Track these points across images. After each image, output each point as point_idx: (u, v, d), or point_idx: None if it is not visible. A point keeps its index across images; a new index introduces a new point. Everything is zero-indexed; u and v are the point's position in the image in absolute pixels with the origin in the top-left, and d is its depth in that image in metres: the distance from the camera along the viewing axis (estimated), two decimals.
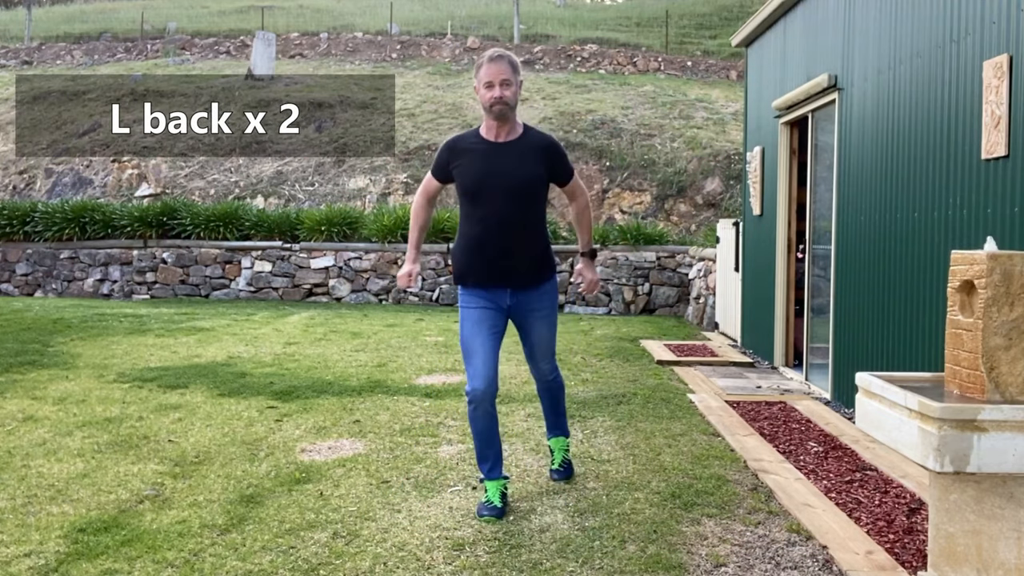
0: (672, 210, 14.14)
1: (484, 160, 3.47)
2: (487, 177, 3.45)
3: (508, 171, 3.44)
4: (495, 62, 3.42)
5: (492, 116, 3.44)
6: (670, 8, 27.32)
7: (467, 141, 3.56)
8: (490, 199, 3.45)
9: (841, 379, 6.08)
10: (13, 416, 5.08)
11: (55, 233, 13.48)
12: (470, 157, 3.50)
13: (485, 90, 3.43)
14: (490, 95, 3.40)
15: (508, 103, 3.40)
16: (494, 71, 3.40)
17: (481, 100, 3.46)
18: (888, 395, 2.71)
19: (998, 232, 4.05)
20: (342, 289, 12.88)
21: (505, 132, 3.49)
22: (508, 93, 3.40)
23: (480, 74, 3.45)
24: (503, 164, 3.45)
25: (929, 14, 4.84)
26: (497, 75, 3.40)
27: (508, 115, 3.44)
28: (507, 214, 3.45)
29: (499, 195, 3.44)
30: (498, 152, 3.47)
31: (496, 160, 3.46)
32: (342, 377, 6.45)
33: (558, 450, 3.99)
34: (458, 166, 3.52)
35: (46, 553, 3.06)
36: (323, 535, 3.26)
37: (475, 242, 3.52)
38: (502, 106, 3.40)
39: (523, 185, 3.46)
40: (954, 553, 2.58)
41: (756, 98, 8.53)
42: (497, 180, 3.44)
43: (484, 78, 3.42)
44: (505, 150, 3.47)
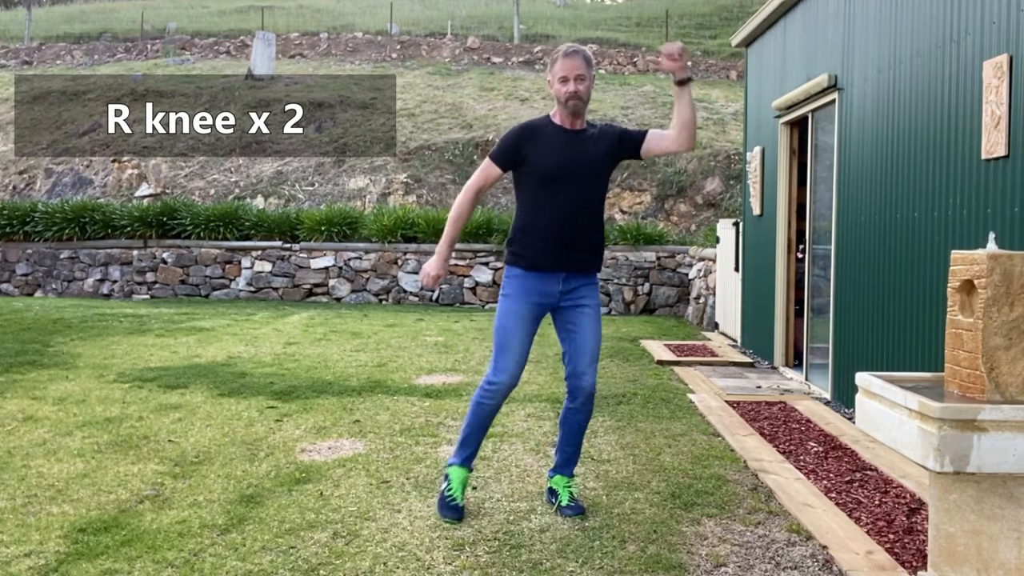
0: (672, 210, 14.14)
1: (562, 145, 3.51)
2: (569, 162, 3.49)
3: (588, 159, 3.50)
4: (570, 57, 3.46)
5: (568, 111, 3.49)
6: (670, 8, 27.33)
7: (542, 126, 3.58)
8: (571, 186, 3.48)
9: (841, 379, 6.08)
10: (13, 416, 5.08)
11: (55, 233, 13.48)
12: (548, 141, 3.52)
13: (560, 85, 3.47)
14: (566, 90, 3.45)
15: (582, 98, 3.48)
16: (569, 66, 3.45)
17: (556, 94, 3.51)
18: (888, 395, 2.71)
19: (998, 232, 4.05)
20: (342, 289, 12.88)
21: (580, 123, 3.56)
22: (583, 88, 3.46)
23: (555, 69, 3.49)
24: (583, 150, 3.50)
25: (929, 14, 4.84)
26: (572, 70, 3.44)
27: (581, 110, 3.51)
28: (584, 199, 3.49)
29: (579, 179, 3.48)
30: (576, 139, 3.53)
31: (575, 146, 3.51)
32: (342, 377, 6.45)
33: (562, 488, 3.64)
34: (534, 150, 3.52)
35: (46, 553, 3.06)
36: (323, 535, 3.26)
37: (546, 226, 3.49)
38: (576, 101, 3.47)
39: (599, 169, 3.52)
40: (954, 553, 2.58)
41: (756, 98, 8.53)
42: (578, 164, 3.48)
43: (559, 73, 3.47)
44: (581, 137, 3.54)
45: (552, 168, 3.48)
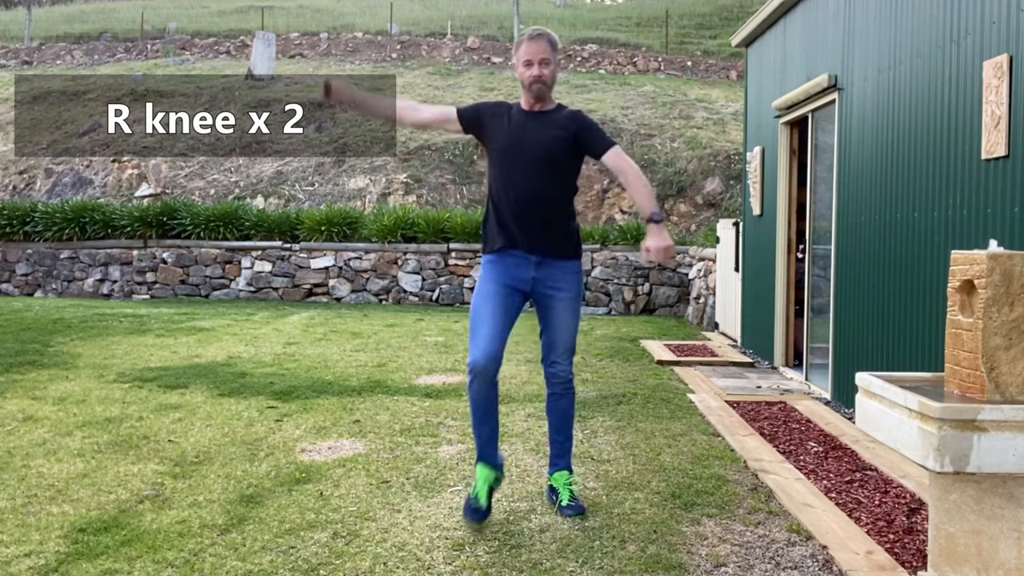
0: (672, 210, 14.13)
1: (518, 127, 3.50)
2: (517, 141, 3.48)
3: (539, 140, 3.47)
4: (535, 40, 3.45)
5: (531, 94, 3.48)
6: (670, 8, 27.33)
7: (507, 107, 3.59)
8: (519, 164, 3.47)
9: (841, 379, 6.08)
10: (13, 416, 5.08)
11: (55, 233, 13.48)
12: (505, 121, 3.53)
13: (524, 68, 3.46)
14: (529, 73, 3.45)
15: (546, 82, 3.46)
16: (534, 49, 3.44)
17: (520, 78, 3.50)
18: (888, 395, 2.71)
19: (998, 232, 4.05)
20: (342, 289, 12.88)
21: (540, 105, 3.54)
22: (547, 72, 3.45)
23: (520, 52, 3.48)
24: (536, 134, 3.48)
25: (929, 14, 4.84)
26: (536, 54, 3.43)
27: (545, 93, 3.50)
28: (533, 181, 3.46)
29: (529, 160, 3.46)
30: (533, 120, 3.51)
31: (528, 128, 3.49)
32: (342, 377, 6.45)
33: (563, 486, 3.59)
34: (492, 127, 3.54)
35: (46, 553, 3.06)
36: (323, 535, 3.26)
37: (503, 207, 3.50)
38: (540, 85, 3.45)
39: (552, 154, 3.47)
40: (954, 553, 2.58)
41: (756, 98, 8.53)
42: (527, 146, 3.47)
43: (524, 56, 3.46)
44: (537, 118, 3.52)
45: (503, 146, 3.49)
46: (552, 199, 3.49)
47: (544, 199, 3.47)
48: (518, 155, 3.47)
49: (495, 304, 3.47)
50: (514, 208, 3.47)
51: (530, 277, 3.52)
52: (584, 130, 3.52)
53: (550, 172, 3.47)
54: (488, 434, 3.54)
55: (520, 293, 3.54)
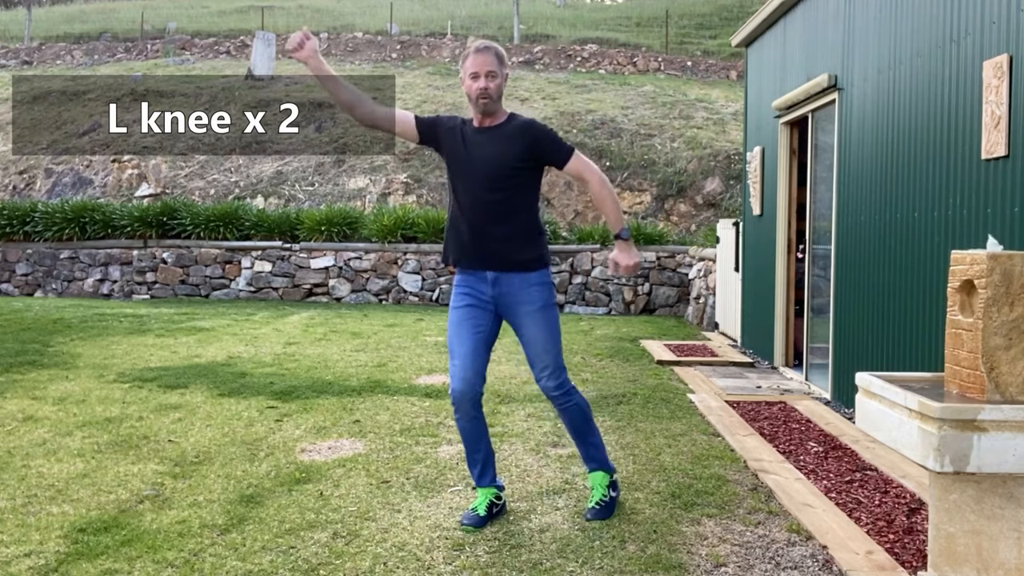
0: (672, 210, 14.13)
1: (466, 144, 3.43)
2: (467, 162, 3.41)
3: (488, 157, 3.38)
4: (481, 53, 3.36)
5: (478, 109, 3.39)
6: (670, 8, 27.33)
7: (458, 122, 3.51)
8: (470, 182, 3.40)
9: (841, 379, 6.08)
10: (13, 416, 5.08)
11: (55, 233, 13.48)
12: (456, 139, 3.45)
13: (471, 80, 3.37)
14: (476, 86, 3.35)
15: (491, 95, 3.35)
16: (480, 62, 3.34)
17: (467, 92, 3.41)
18: (888, 395, 2.71)
19: (998, 232, 4.05)
20: (342, 289, 12.88)
21: (489, 120, 3.44)
22: (492, 85, 3.34)
23: (466, 64, 3.39)
24: (482, 148, 3.40)
25: (929, 14, 4.84)
26: (483, 66, 3.34)
27: (492, 108, 3.39)
28: (485, 198, 3.37)
29: (478, 179, 3.38)
30: (479, 136, 3.43)
31: (476, 144, 3.41)
32: (342, 377, 6.45)
33: (597, 487, 3.57)
34: (445, 144, 3.47)
35: (46, 553, 3.06)
36: (323, 535, 3.26)
37: (457, 224, 3.46)
38: (486, 99, 3.35)
39: (503, 169, 3.37)
40: (954, 553, 2.58)
41: (756, 98, 8.53)
42: (476, 164, 3.40)
43: (470, 68, 3.37)
44: (486, 135, 3.42)
45: (456, 164, 3.43)
46: (506, 215, 3.39)
47: (497, 216, 3.38)
48: (468, 173, 3.40)
49: (466, 330, 3.43)
50: (468, 225, 3.41)
51: (490, 294, 3.44)
52: (541, 142, 3.41)
53: (501, 188, 3.37)
54: (483, 461, 3.51)
55: (487, 310, 3.46)
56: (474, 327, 3.43)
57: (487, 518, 3.42)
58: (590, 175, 3.46)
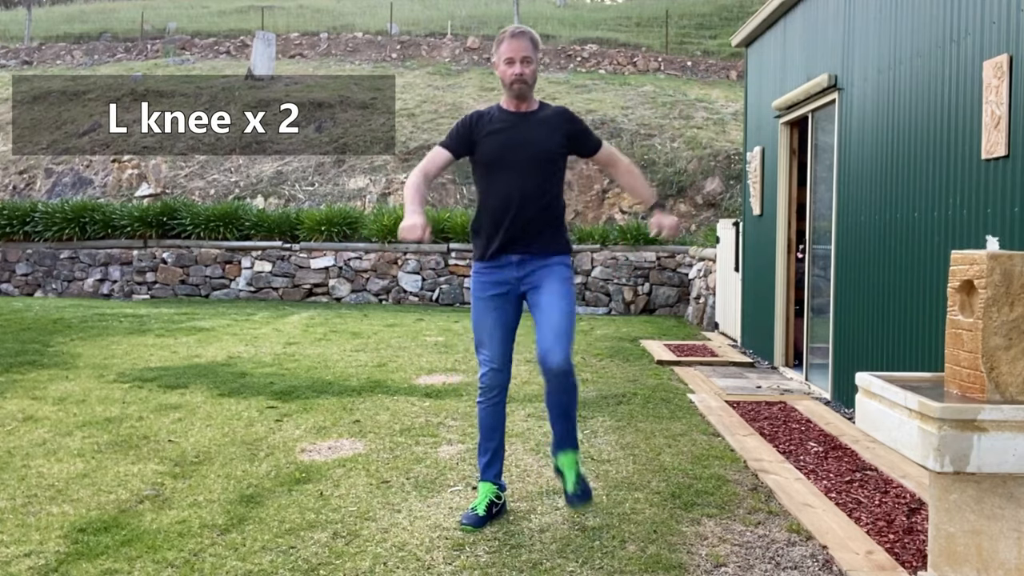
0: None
1: (507, 129, 3.44)
2: (510, 146, 3.42)
3: (531, 140, 3.42)
4: (516, 38, 3.38)
5: (512, 93, 3.42)
6: (670, 8, 27.33)
7: (489, 114, 3.51)
8: (512, 168, 3.41)
9: (841, 379, 6.08)
10: (13, 416, 5.08)
11: (55, 233, 13.48)
12: (493, 127, 3.46)
13: (506, 66, 3.39)
14: (511, 71, 3.37)
15: (527, 80, 3.39)
16: (515, 47, 3.37)
17: (501, 77, 3.43)
18: (888, 395, 2.71)
19: (998, 232, 4.05)
20: (342, 289, 12.88)
21: (525, 105, 3.48)
22: (528, 70, 3.38)
23: (501, 49, 3.41)
24: (525, 134, 3.43)
25: (929, 14, 4.84)
26: (518, 51, 3.36)
27: (527, 93, 3.43)
28: (528, 184, 3.41)
29: (522, 164, 3.40)
30: (520, 122, 3.45)
31: (519, 130, 3.43)
32: (342, 377, 6.45)
33: (568, 468, 3.45)
34: (481, 137, 3.46)
35: (46, 553, 3.06)
36: (323, 535, 3.26)
37: (491, 211, 3.45)
38: (521, 84, 3.38)
39: (544, 153, 3.42)
40: (954, 553, 2.58)
41: (756, 98, 8.53)
42: (520, 149, 3.41)
43: (505, 54, 3.39)
44: (527, 120, 3.46)
45: (495, 151, 3.43)
46: (542, 198, 3.43)
47: (534, 199, 3.42)
48: (507, 157, 3.41)
49: (495, 317, 3.46)
50: (503, 210, 3.41)
51: (514, 277, 3.46)
52: (578, 130, 3.51)
53: (540, 172, 3.42)
54: (494, 451, 3.53)
55: (512, 298, 3.49)
56: (502, 316, 3.48)
57: (487, 518, 3.41)
58: (619, 159, 3.64)
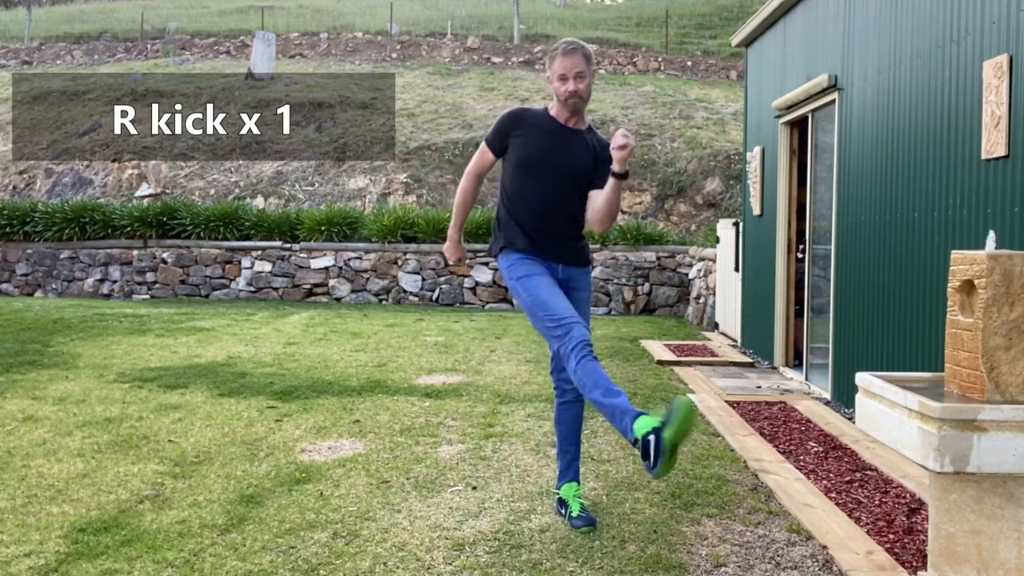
0: (672, 210, 14.13)
1: (550, 137, 3.42)
2: (550, 154, 3.41)
3: (572, 155, 3.42)
4: (569, 55, 3.35)
5: (567, 109, 3.40)
6: (670, 8, 27.33)
7: (535, 115, 3.50)
8: (549, 176, 3.41)
9: (841, 379, 6.08)
10: (13, 416, 5.08)
11: (55, 233, 13.49)
12: (536, 130, 3.44)
13: (559, 83, 3.37)
14: (565, 88, 3.35)
15: (582, 96, 3.38)
16: (568, 64, 3.34)
17: (556, 92, 3.41)
18: (888, 395, 2.71)
19: (998, 232, 4.05)
20: (342, 289, 12.88)
21: (574, 121, 3.47)
22: (583, 86, 3.36)
23: (554, 66, 3.38)
24: (568, 147, 3.43)
25: (929, 14, 4.84)
26: (572, 68, 3.34)
27: (581, 108, 3.43)
28: (561, 196, 3.42)
29: (559, 175, 3.41)
30: (565, 135, 3.44)
31: (562, 141, 3.43)
32: (342, 377, 6.45)
33: (572, 499, 3.48)
34: (520, 136, 3.44)
35: (46, 553, 3.06)
36: (323, 535, 3.26)
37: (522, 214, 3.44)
38: (576, 100, 3.37)
39: (581, 173, 3.43)
40: (954, 553, 2.58)
41: (756, 98, 8.53)
42: (560, 160, 3.41)
43: (558, 71, 3.36)
44: (572, 135, 3.45)
45: (534, 155, 3.42)
46: (573, 214, 3.47)
47: (567, 213, 3.46)
48: (549, 166, 3.41)
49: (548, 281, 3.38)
50: (535, 217, 3.43)
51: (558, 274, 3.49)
52: (604, 165, 3.44)
53: (577, 190, 3.44)
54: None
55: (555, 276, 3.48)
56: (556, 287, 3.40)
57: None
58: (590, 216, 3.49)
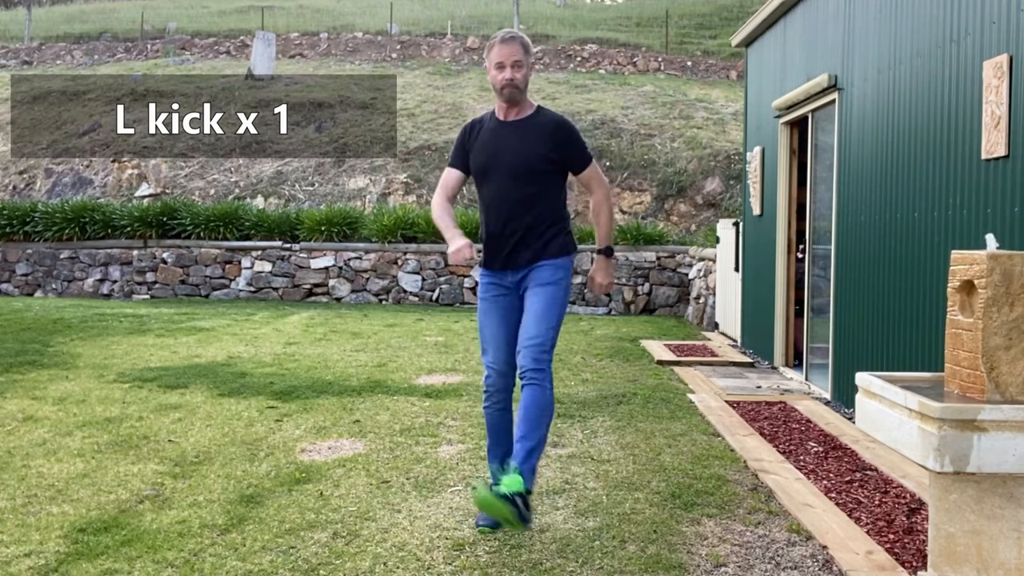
0: (672, 210, 14.13)
1: (492, 139, 3.41)
2: (493, 156, 3.39)
3: (511, 149, 3.37)
4: (507, 43, 3.34)
5: (503, 98, 3.38)
6: (670, 8, 27.32)
7: (482, 121, 3.50)
8: (495, 178, 3.39)
9: (841, 379, 6.08)
10: (13, 416, 5.08)
11: (55, 233, 13.48)
12: (484, 135, 3.44)
13: (496, 71, 3.35)
14: (501, 76, 3.33)
15: (518, 85, 3.34)
16: (506, 52, 3.33)
17: (492, 81, 3.39)
18: (888, 395, 2.71)
19: (998, 232, 4.05)
20: (342, 289, 12.88)
21: (515, 112, 3.42)
22: (519, 75, 3.33)
23: (491, 55, 3.37)
24: (507, 143, 3.38)
25: (929, 14, 4.84)
26: (509, 56, 3.33)
27: (518, 97, 3.38)
28: (508, 194, 3.36)
29: (503, 174, 3.37)
30: (505, 130, 3.41)
31: (502, 139, 3.40)
32: (342, 377, 6.45)
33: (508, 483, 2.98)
34: (473, 146, 3.45)
35: (46, 553, 3.06)
36: (323, 535, 3.26)
37: (487, 224, 3.45)
38: (512, 88, 3.34)
39: (523, 163, 3.35)
40: (954, 553, 2.58)
41: (756, 98, 8.53)
42: (501, 159, 3.38)
43: (495, 59, 3.35)
44: (512, 129, 3.41)
45: (481, 162, 3.41)
46: (533, 208, 3.36)
47: (524, 209, 3.36)
48: (495, 167, 3.38)
49: (496, 317, 3.44)
50: (497, 222, 3.40)
51: (512, 282, 3.44)
52: (569, 143, 3.41)
53: (529, 182, 3.35)
54: (502, 456, 3.40)
55: (513, 296, 3.46)
56: (503, 317, 3.43)
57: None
58: (598, 186, 3.52)
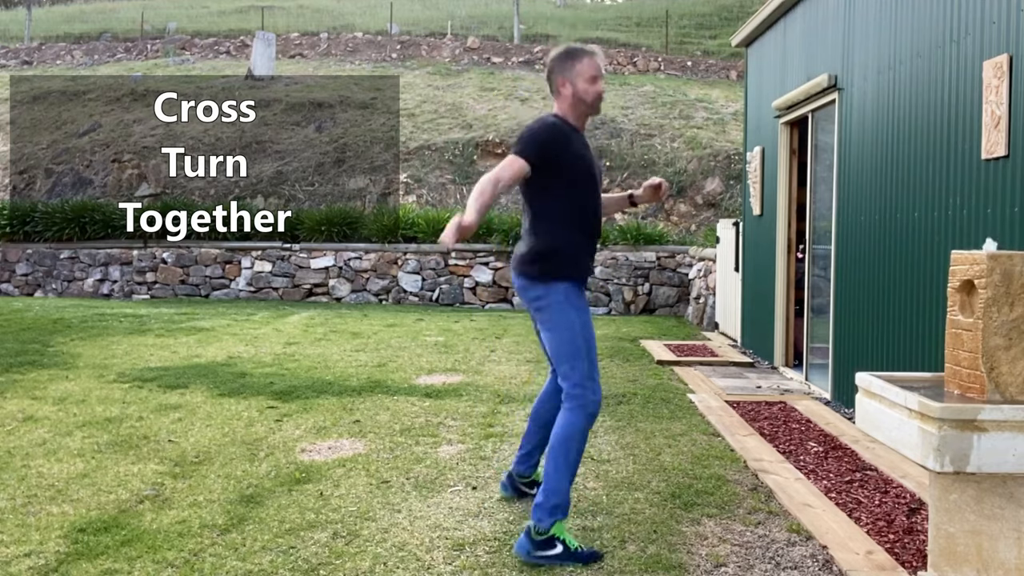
0: (672, 210, 14.13)
1: (583, 148, 3.41)
2: (591, 164, 3.41)
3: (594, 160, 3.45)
4: (597, 57, 3.38)
5: (594, 112, 3.41)
6: (670, 8, 27.32)
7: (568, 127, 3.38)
8: (594, 186, 3.42)
9: (841, 379, 6.08)
10: (13, 416, 5.08)
11: (55, 233, 13.49)
12: (576, 144, 3.37)
13: (589, 84, 3.33)
14: (594, 89, 3.34)
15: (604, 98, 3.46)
16: (598, 66, 3.37)
17: (581, 94, 3.33)
18: (888, 395, 2.71)
19: (998, 232, 4.05)
20: (342, 289, 12.88)
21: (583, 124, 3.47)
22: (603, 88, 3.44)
23: (581, 67, 3.33)
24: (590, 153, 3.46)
25: (929, 14, 4.84)
26: (600, 69, 3.38)
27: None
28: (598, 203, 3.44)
29: (597, 183, 3.44)
30: (584, 140, 3.44)
31: (588, 149, 3.45)
32: (342, 377, 6.45)
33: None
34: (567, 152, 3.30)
35: (46, 553, 3.06)
36: (323, 535, 3.26)
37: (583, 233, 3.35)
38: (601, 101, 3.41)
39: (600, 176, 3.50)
40: (954, 553, 2.58)
41: (756, 98, 8.53)
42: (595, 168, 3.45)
43: (588, 71, 3.33)
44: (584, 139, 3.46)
45: (583, 168, 3.35)
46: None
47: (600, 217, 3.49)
48: (594, 176, 3.41)
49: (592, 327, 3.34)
50: (595, 229, 3.40)
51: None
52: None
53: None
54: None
55: None
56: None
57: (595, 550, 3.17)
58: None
